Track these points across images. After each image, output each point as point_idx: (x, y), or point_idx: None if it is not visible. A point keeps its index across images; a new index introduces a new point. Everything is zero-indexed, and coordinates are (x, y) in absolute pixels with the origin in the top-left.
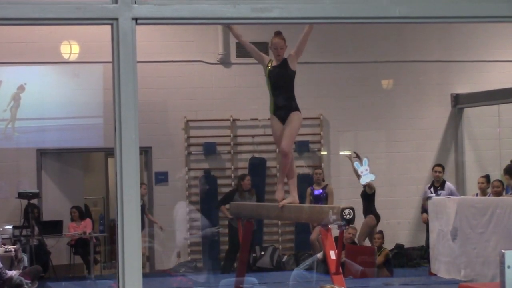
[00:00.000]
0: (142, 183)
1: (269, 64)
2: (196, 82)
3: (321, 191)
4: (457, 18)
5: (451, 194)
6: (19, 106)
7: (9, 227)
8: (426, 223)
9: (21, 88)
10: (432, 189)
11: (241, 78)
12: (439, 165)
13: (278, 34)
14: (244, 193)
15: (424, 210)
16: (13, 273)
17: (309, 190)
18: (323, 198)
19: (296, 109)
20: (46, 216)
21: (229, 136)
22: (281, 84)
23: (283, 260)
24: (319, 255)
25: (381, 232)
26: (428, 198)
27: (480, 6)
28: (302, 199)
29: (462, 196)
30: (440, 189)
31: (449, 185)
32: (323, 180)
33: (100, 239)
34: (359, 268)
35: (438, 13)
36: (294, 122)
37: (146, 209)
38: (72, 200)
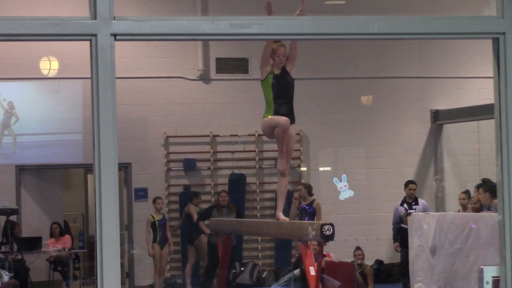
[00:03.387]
0: (157, 197)
1: (271, 72)
2: (176, 98)
3: (307, 206)
4: (435, 35)
5: (424, 209)
6: (17, 120)
7: None
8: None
9: (10, 105)
10: (405, 205)
11: (221, 94)
12: (413, 182)
13: (278, 41)
14: (222, 209)
15: (399, 233)
16: None
17: (296, 203)
18: (310, 213)
19: (294, 120)
20: (25, 233)
21: (209, 152)
22: (285, 92)
23: (263, 276)
24: (296, 272)
25: (360, 248)
26: (408, 214)
27: (458, 23)
28: (285, 214)
29: (441, 212)
30: (415, 205)
31: (422, 200)
32: (310, 195)
33: (80, 256)
34: (337, 284)
35: (417, 29)
36: (293, 140)
37: (167, 224)
38: (52, 217)
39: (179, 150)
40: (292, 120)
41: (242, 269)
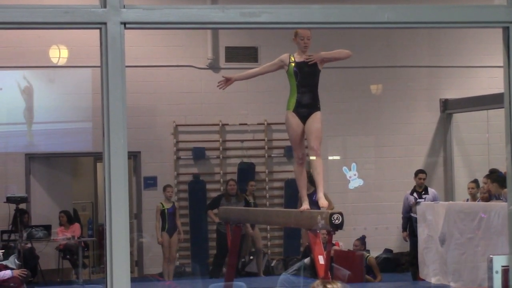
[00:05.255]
0: (168, 186)
1: (292, 60)
2: (185, 87)
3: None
4: (445, 24)
5: (434, 199)
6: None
7: None
8: (411, 233)
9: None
10: (415, 194)
11: None
12: (423, 171)
13: None
14: (231, 197)
15: (409, 222)
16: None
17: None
18: (315, 202)
19: (319, 109)
20: (35, 221)
21: (218, 141)
22: (309, 81)
23: (272, 265)
24: (306, 260)
25: (361, 238)
26: (417, 203)
27: (468, 12)
28: (293, 203)
29: (450, 202)
30: (424, 194)
31: (432, 190)
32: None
33: (89, 244)
34: (347, 273)
35: (427, 18)
36: (319, 122)
37: (176, 212)
38: (61, 205)
39: (188, 139)
40: (317, 108)
41: (251, 258)
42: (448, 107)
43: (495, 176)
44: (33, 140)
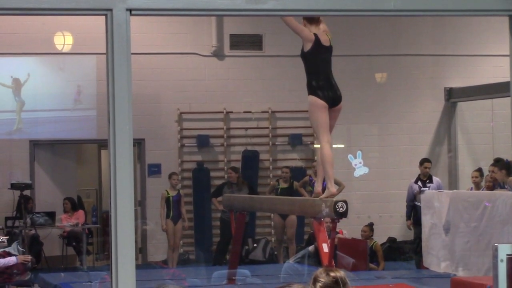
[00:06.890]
0: (173, 173)
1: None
2: (190, 75)
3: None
4: (451, 12)
5: (439, 187)
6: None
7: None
8: (415, 222)
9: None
10: (420, 183)
11: (234, 70)
12: (428, 160)
13: None
14: (233, 185)
15: (413, 210)
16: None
17: (307, 178)
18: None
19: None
20: (39, 207)
21: (222, 128)
22: None
23: (276, 252)
24: (311, 248)
25: (369, 225)
26: (421, 192)
27: (475, 0)
28: (297, 191)
29: (454, 190)
30: (429, 182)
31: (436, 178)
32: None
33: (93, 231)
34: (351, 261)
35: (433, 6)
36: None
37: (181, 200)
38: (65, 192)
39: (193, 126)
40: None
41: (255, 245)
42: (453, 96)
43: (503, 164)
44: (23, 127)
